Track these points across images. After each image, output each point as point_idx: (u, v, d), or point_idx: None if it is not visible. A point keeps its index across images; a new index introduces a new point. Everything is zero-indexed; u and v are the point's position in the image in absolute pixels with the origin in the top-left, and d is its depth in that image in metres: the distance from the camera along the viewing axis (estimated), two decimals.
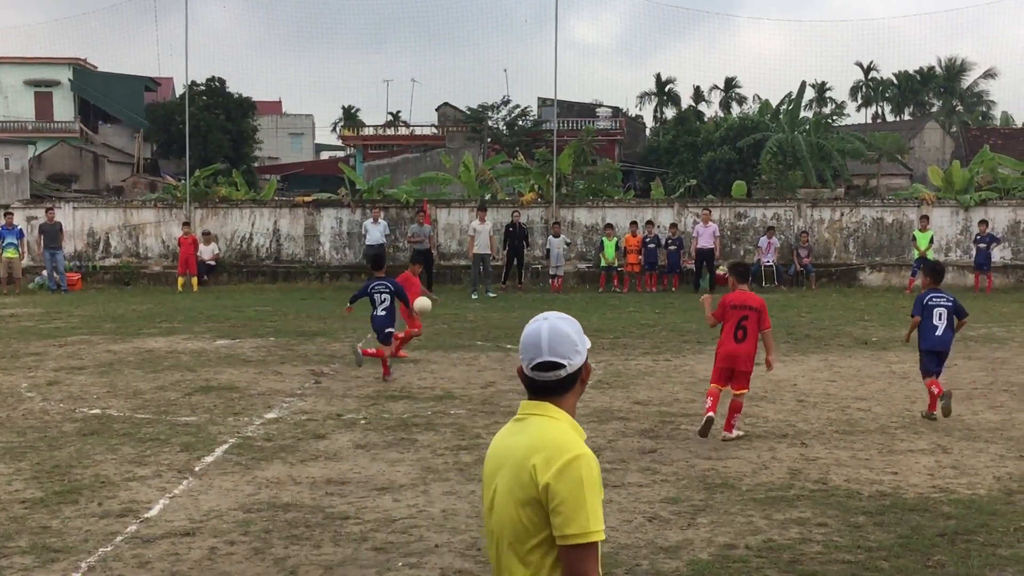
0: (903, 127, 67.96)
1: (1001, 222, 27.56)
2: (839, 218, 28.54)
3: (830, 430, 10.79)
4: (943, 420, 11.19)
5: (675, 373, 14.37)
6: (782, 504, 8.19)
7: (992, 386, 13.28)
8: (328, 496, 8.45)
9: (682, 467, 9.32)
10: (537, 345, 3.25)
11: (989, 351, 16.21)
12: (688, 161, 54.09)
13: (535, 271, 28.48)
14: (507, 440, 3.30)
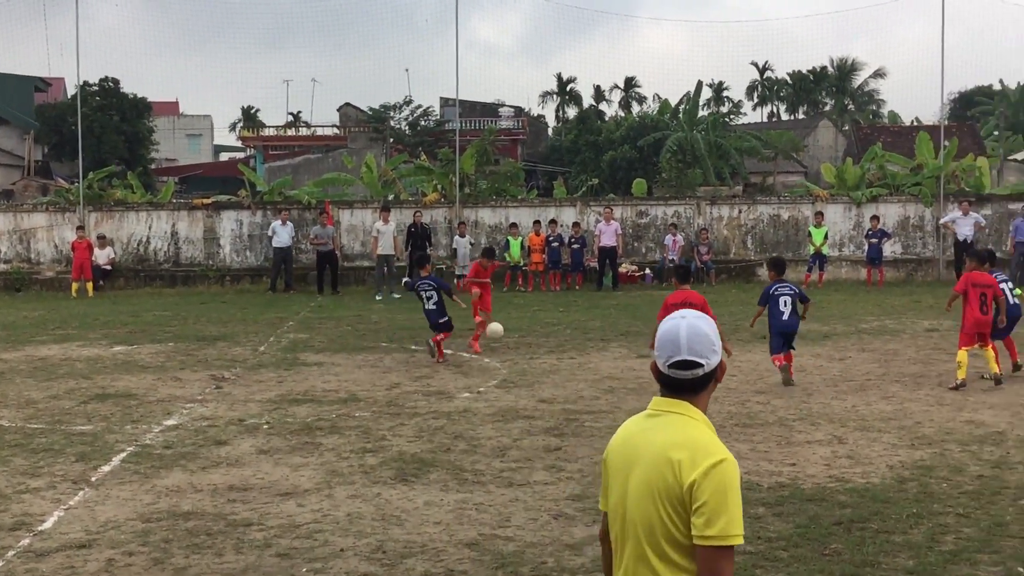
0: (797, 126, 69.60)
1: (891, 217, 28.38)
2: (737, 215, 29.09)
3: (731, 424, 10.98)
4: (840, 411, 11.48)
5: (580, 371, 14.48)
6: None
7: (885, 377, 13.66)
8: (230, 503, 8.30)
9: (587, 464, 9.39)
10: (676, 343, 3.26)
11: (882, 343, 16.68)
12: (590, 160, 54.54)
13: (440, 271, 28.42)
14: (641, 435, 3.31)
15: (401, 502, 8.29)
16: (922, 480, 8.68)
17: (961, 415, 11.21)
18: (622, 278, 27.44)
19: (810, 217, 28.18)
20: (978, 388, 12.79)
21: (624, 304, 22.91)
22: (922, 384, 13.10)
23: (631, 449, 3.31)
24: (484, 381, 13.76)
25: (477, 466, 9.34)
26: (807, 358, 15.27)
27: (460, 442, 10.27)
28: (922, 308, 21.28)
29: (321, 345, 17.22)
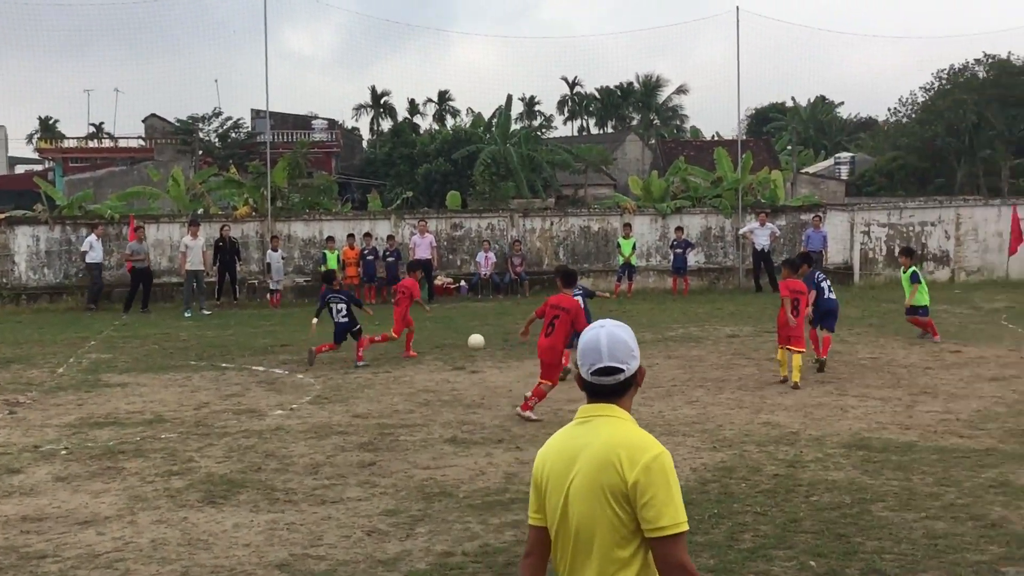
0: (607, 139, 71.50)
1: (695, 228, 29.48)
2: (549, 227, 29.60)
3: (543, 433, 11.11)
4: (647, 417, 11.80)
5: (395, 384, 14.40)
6: (498, 508, 8.37)
7: (689, 382, 14.15)
8: (23, 535, 7.86)
9: (401, 478, 9.34)
10: (597, 351, 3.42)
11: (687, 350, 17.28)
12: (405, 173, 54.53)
13: (252, 286, 27.78)
14: (575, 442, 3.42)
15: (209, 525, 8.04)
16: (723, 481, 9.02)
17: (759, 417, 11.73)
18: (437, 290, 27.48)
19: (619, 229, 28.94)
20: (775, 391, 13.40)
21: (439, 317, 22.93)
22: (723, 388, 13.64)
23: (567, 458, 3.41)
24: (297, 398, 13.51)
25: (289, 485, 9.16)
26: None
27: (272, 461, 10.05)
28: (724, 315, 22.16)
29: (125, 365, 16.53)
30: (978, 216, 29.57)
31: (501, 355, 17.01)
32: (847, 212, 30.13)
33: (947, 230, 29.38)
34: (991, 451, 9.83)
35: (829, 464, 9.51)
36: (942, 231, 29.45)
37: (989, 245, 29.32)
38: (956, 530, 7.51)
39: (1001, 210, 29.39)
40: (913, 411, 11.88)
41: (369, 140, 75.92)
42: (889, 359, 15.81)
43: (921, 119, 48.17)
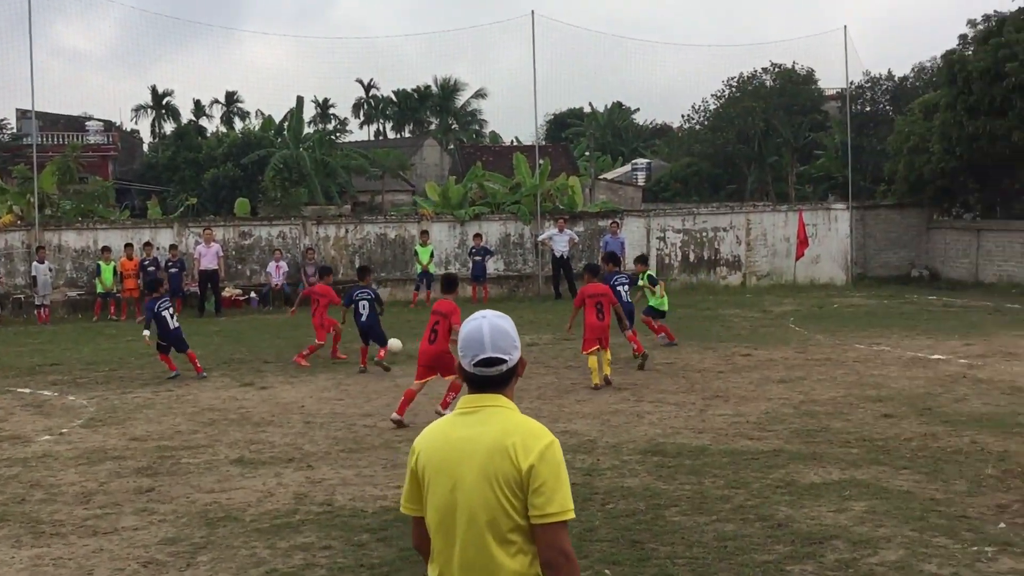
0: (404, 144, 71.49)
1: (493, 235, 29.82)
2: (344, 235, 29.33)
3: (336, 450, 11.00)
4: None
5: (177, 404, 13.92)
6: (287, 531, 8.20)
7: None
8: None
9: (183, 504, 9.03)
10: (480, 342, 3.52)
11: None
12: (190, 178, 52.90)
13: (18, 301, 26.30)
14: (463, 432, 3.49)
15: None
16: None
17: (557, 426, 11.94)
18: (225, 302, 26.77)
19: (416, 236, 28.97)
20: (573, 399, 13.69)
21: (228, 330, 22.35)
22: (521, 398, 13.79)
23: (455, 447, 3.49)
24: (68, 421, 12.86)
25: (56, 516, 8.69)
26: (407, 379, 15.62)
27: (37, 491, 9.52)
28: (523, 323, 22.45)
29: None
30: (767, 221, 31.15)
31: (293, 370, 16.72)
32: (644, 218, 31.15)
33: (738, 235, 30.81)
34: (778, 452, 10.34)
35: (625, 471, 9.78)
36: (734, 236, 30.86)
37: (777, 250, 30.93)
38: (745, 531, 7.85)
39: (788, 215, 31.06)
40: (706, 415, 12.37)
41: (150, 143, 73.27)
42: (684, 364, 16.41)
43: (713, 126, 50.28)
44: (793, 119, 48.22)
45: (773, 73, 48.39)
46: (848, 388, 13.96)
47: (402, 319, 23.80)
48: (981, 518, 8.02)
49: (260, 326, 23.10)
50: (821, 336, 19.18)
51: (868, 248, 32.60)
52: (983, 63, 26.64)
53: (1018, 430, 11.06)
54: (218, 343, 20.25)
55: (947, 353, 16.86)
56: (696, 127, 53.77)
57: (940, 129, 29.50)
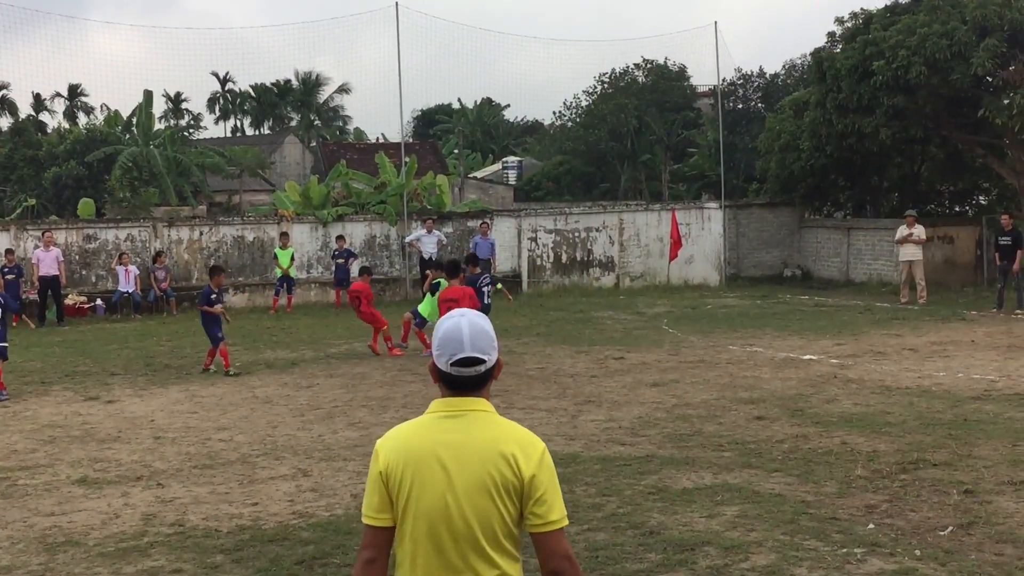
0: (263, 141, 70.47)
1: (358, 237, 29.60)
2: (199, 237, 28.72)
3: (189, 466, 10.76)
4: (306, 442, 11.70)
5: (14, 420, 13.41)
6: (135, 555, 7.98)
7: (352, 403, 14.15)
8: None
9: (19, 529, 8.70)
10: (459, 341, 3.47)
11: (350, 367, 17.29)
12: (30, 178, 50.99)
13: None
14: (450, 436, 3.46)
15: None
16: None
17: None
18: (68, 311, 25.92)
19: (276, 238, 28.55)
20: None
21: (71, 340, 21.65)
22: (388, 407, 13.75)
23: (440, 450, 3.44)
24: None
25: None
26: (274, 387, 15.42)
27: None
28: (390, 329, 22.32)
29: None
30: (640, 221, 31.69)
31: (143, 382, 16.29)
32: (515, 218, 31.33)
33: (611, 235, 31.26)
34: (651, 457, 10.52)
35: None
36: (607, 236, 31.30)
37: (651, 250, 31.50)
38: (617, 540, 7.96)
39: (661, 215, 31.67)
40: (578, 421, 12.51)
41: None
42: (556, 368, 16.56)
43: (585, 123, 50.88)
44: (666, 116, 49.18)
45: (645, 69, 49.26)
46: (721, 390, 14.29)
47: (261, 326, 23.46)
48: (851, 519, 8.30)
49: (107, 336, 22.44)
50: (695, 338, 19.60)
51: (741, 248, 33.48)
52: (850, 61, 27.60)
53: (887, 430, 11.49)
54: (60, 354, 19.59)
55: (819, 353, 17.41)
56: (568, 124, 54.33)
57: (810, 127, 30.46)
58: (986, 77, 25.94)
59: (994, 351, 17.32)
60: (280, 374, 16.68)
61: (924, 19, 25.89)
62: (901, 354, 17.23)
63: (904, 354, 17.22)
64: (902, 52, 25.72)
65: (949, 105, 27.52)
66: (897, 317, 22.26)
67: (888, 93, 26.55)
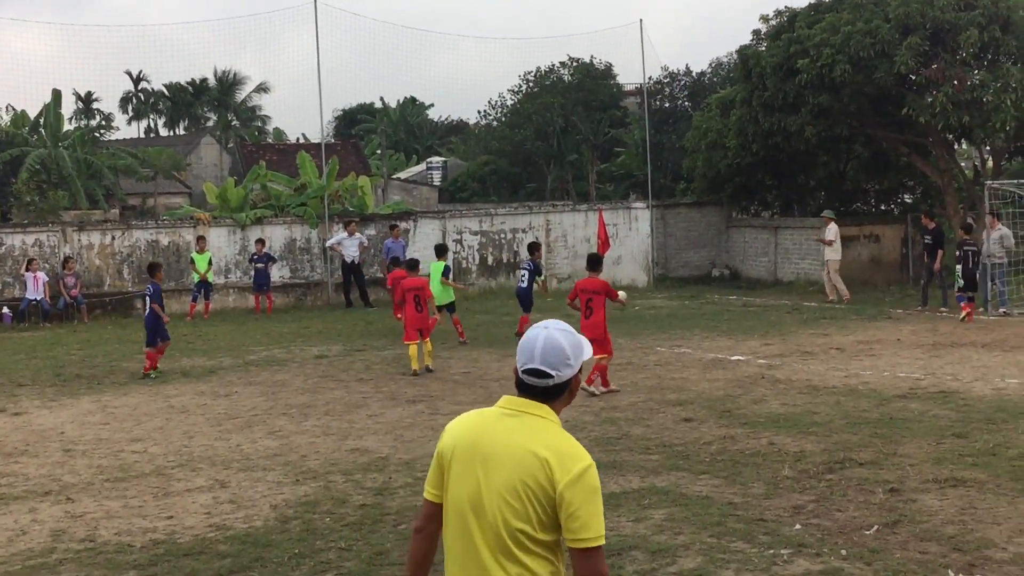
0: (179, 142, 69.56)
1: (278, 240, 29.31)
2: (111, 242, 28.24)
3: (100, 479, 10.58)
4: (224, 452, 11.58)
5: None
6: (43, 573, 7.84)
7: (272, 411, 14.03)
8: None
9: None
10: (531, 352, 3.69)
11: (270, 374, 17.13)
12: None
13: None
14: (499, 433, 3.64)
15: None
16: (306, 517, 9.02)
17: (347, 443, 11.85)
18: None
19: (192, 242, 28.18)
20: (364, 413, 13.61)
21: None
22: (309, 415, 13.65)
23: (487, 443, 3.63)
24: None
25: None
26: (190, 396, 15.23)
27: None
28: (311, 334, 22.22)
29: None
30: (567, 222, 31.83)
31: (52, 392, 15.98)
32: (439, 219, 31.27)
33: (537, 236, 31.33)
34: None
35: (419, 489, 9.76)
36: (533, 237, 31.34)
37: (578, 251, 31.58)
38: None
39: (588, 215, 31.83)
40: None
41: None
42: (482, 373, 16.59)
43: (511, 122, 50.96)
44: (592, 115, 49.44)
45: (571, 68, 49.48)
46: (649, 392, 14.41)
47: (178, 333, 23.10)
48: (778, 520, 8.42)
49: (14, 345, 21.98)
50: (623, 340, 19.72)
51: (669, 248, 33.80)
52: (775, 59, 28.00)
53: (814, 430, 11.68)
54: None
55: (747, 353, 17.65)
56: (493, 124, 54.39)
57: (736, 126, 30.86)
58: (909, 75, 26.46)
59: (919, 349, 17.70)
60: (197, 382, 16.47)
61: (848, 17, 26.36)
62: (828, 353, 17.52)
63: (831, 353, 17.52)
64: (826, 50, 26.15)
65: (873, 103, 28.04)
66: (825, 316, 22.64)
67: (813, 91, 26.98)
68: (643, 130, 37.91)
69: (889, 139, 29.71)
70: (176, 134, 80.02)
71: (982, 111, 24.97)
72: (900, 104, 26.44)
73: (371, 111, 79.56)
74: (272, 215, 29.96)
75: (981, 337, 18.88)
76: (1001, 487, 9.17)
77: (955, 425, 11.65)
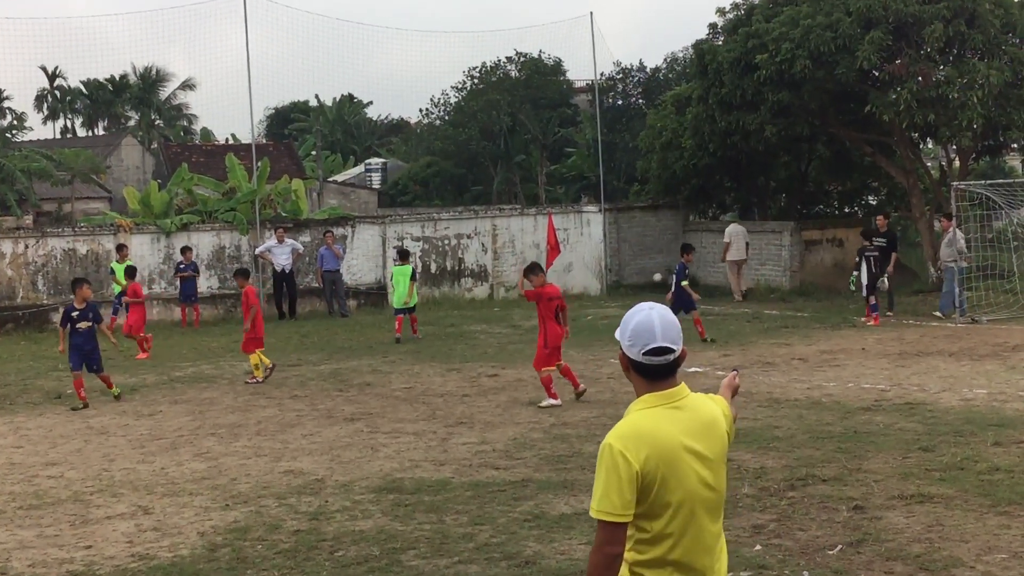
0: (98, 143, 68.79)
1: (205, 248, 29.09)
2: (24, 251, 27.88)
3: (13, 507, 10.45)
4: (147, 476, 11.47)
5: None
6: None
7: (199, 431, 13.91)
8: None
9: None
10: (651, 331, 4.08)
11: (197, 392, 17.00)
12: None
13: None
14: (685, 425, 4.12)
15: None
16: (236, 544, 8.95)
17: (280, 465, 11.78)
18: None
19: (113, 251, 27.88)
20: (298, 433, 13.53)
21: None
22: (239, 435, 13.56)
23: (686, 442, 4.07)
24: None
25: None
26: (110, 416, 15.07)
27: None
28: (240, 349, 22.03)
29: None
30: (515, 227, 31.89)
31: None
32: (379, 225, 31.19)
33: (484, 242, 31.40)
34: (527, 482, 10.59)
35: (357, 512, 9.76)
36: (479, 244, 31.42)
37: (527, 257, 31.53)
38: (489, 572, 7.99)
39: (537, 219, 31.92)
40: (448, 444, 12.52)
41: None
42: (425, 388, 16.56)
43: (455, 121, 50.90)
44: (541, 114, 49.55)
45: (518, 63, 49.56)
46: (602, 408, 14.48)
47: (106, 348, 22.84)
48: (737, 541, 8.48)
49: None
50: (574, 351, 19.76)
51: (623, 254, 33.92)
52: (733, 54, 28.21)
53: (775, 445, 11.79)
54: None
55: (705, 364, 17.77)
56: (436, 123, 54.34)
57: (692, 124, 31.01)
58: (872, 71, 26.78)
59: (885, 359, 17.93)
60: (118, 401, 16.30)
61: (807, 10, 26.62)
62: (790, 364, 17.70)
63: (793, 364, 17.70)
64: (785, 45, 26.38)
65: (835, 101, 28.37)
66: (786, 325, 22.87)
67: (772, 88, 27.20)
68: (595, 129, 38.05)
69: (852, 138, 30.05)
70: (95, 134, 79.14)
71: (948, 108, 25.32)
72: (863, 101, 26.76)
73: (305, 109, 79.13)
74: (199, 221, 29.75)
75: (948, 346, 19.17)
76: (969, 503, 9.30)
77: (922, 438, 11.81)
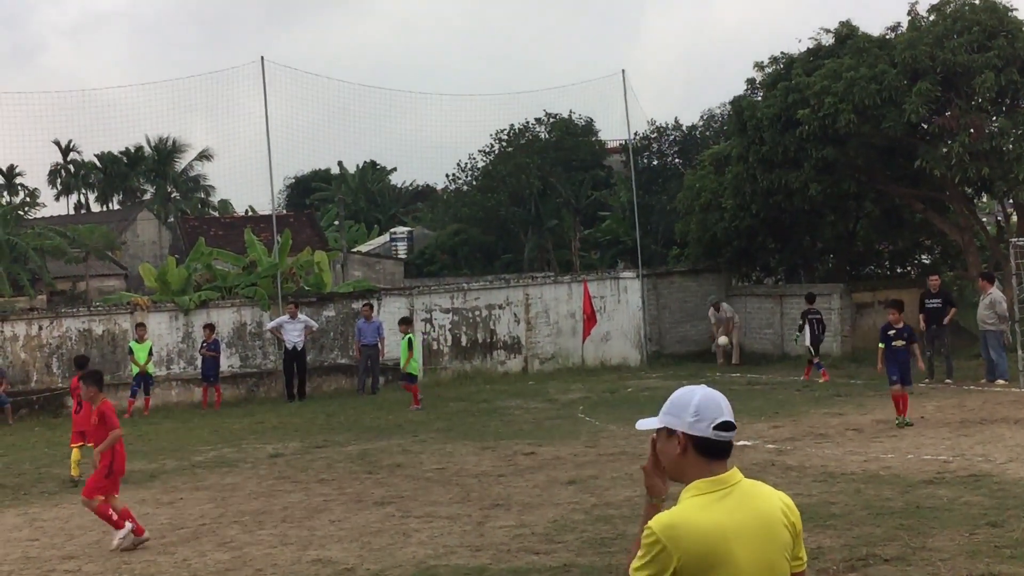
0: (113, 218, 69.70)
1: (226, 325, 29.24)
2: (38, 332, 28.14)
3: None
4: (168, 568, 11.45)
5: None
6: None
7: (222, 519, 13.90)
8: None
9: None
10: (719, 407, 4.12)
11: (219, 477, 17.00)
12: None
13: None
14: (735, 517, 4.05)
15: None
16: None
17: (308, 554, 11.74)
18: None
19: (130, 330, 28.08)
20: (326, 519, 13.49)
21: None
22: (264, 522, 13.53)
23: (735, 536, 4.02)
24: None
25: None
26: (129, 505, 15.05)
27: None
28: (265, 430, 22.12)
29: None
30: (548, 295, 31.88)
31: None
32: (406, 297, 31.28)
33: (516, 313, 31.41)
34: (568, 567, 10.50)
35: None
36: (511, 314, 31.42)
37: (562, 328, 31.68)
38: None
39: (572, 287, 31.95)
40: (485, 528, 12.45)
41: None
42: (458, 468, 16.50)
43: (483, 186, 51.19)
44: (573, 176, 49.77)
45: (548, 124, 49.87)
46: None
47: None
48: None
49: None
50: (614, 426, 19.69)
51: (663, 321, 33.87)
52: (773, 109, 28.34)
53: (832, 522, 11.65)
54: None
55: (754, 437, 17.64)
56: (463, 188, 54.62)
57: (733, 184, 31.06)
58: (921, 124, 26.81)
59: (946, 427, 17.74)
60: (137, 489, 16.30)
61: (850, 62, 26.73)
62: (844, 435, 17.54)
63: (848, 435, 17.54)
64: (828, 99, 26.47)
65: (883, 156, 28.40)
66: (839, 394, 22.70)
67: (816, 144, 27.26)
68: (629, 191, 38.21)
69: (902, 194, 29.99)
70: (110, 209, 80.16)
71: (1003, 161, 25.29)
72: (912, 156, 26.76)
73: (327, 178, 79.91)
74: (218, 297, 29.95)
75: (1014, 412, 18.95)
76: None
77: (989, 512, 11.64)
